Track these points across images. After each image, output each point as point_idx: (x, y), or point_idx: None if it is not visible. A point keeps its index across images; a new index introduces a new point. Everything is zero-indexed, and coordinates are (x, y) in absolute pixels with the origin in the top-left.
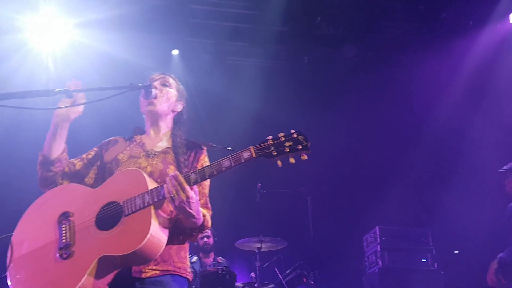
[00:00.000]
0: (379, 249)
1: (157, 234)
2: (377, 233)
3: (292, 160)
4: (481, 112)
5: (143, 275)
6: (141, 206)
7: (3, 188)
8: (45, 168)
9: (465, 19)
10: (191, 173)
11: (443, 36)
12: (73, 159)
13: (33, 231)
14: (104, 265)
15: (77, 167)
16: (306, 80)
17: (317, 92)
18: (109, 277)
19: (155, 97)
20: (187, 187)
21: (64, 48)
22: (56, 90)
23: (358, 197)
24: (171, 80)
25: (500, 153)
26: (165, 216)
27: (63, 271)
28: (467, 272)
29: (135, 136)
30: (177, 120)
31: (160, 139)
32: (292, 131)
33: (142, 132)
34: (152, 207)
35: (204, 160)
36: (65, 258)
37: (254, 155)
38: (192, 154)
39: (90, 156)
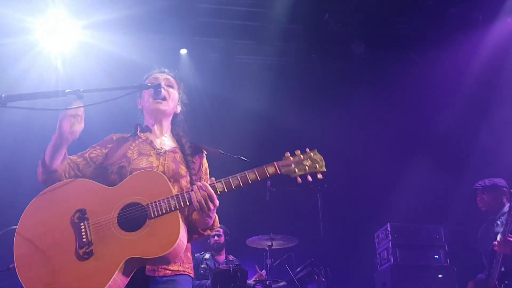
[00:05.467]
0: (390, 246)
1: (183, 237)
2: (389, 229)
3: (309, 178)
4: (493, 107)
5: (156, 274)
6: (168, 210)
7: (15, 188)
8: (46, 175)
9: (474, 14)
10: (217, 182)
11: (452, 32)
12: (74, 157)
13: (44, 226)
14: (128, 266)
15: (80, 167)
16: (314, 77)
17: (326, 89)
18: (129, 278)
19: (164, 98)
20: (215, 197)
21: (72, 49)
22: (66, 91)
23: (369, 193)
24: (173, 81)
25: None
26: (184, 220)
27: (88, 271)
28: (480, 268)
29: (139, 133)
30: (174, 121)
31: (165, 138)
32: (307, 150)
33: (145, 129)
34: (178, 211)
35: (206, 165)
36: (86, 258)
37: (279, 172)
38: (197, 159)
39: (93, 155)
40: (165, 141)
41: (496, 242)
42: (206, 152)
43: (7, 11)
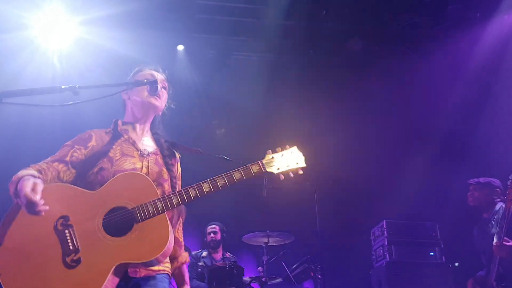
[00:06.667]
0: (386, 242)
1: (171, 239)
2: (384, 226)
3: (291, 175)
4: (490, 105)
5: (138, 275)
6: (155, 213)
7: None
8: None
9: (472, 11)
10: (204, 182)
11: (450, 29)
12: (55, 163)
13: (25, 234)
14: (117, 271)
15: (61, 175)
16: (312, 73)
17: (323, 86)
18: (117, 282)
19: (159, 95)
20: None
21: (70, 45)
22: (62, 87)
23: (365, 190)
24: (166, 84)
25: (510, 146)
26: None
27: (78, 278)
28: (476, 265)
29: (120, 130)
30: (154, 120)
31: (146, 138)
32: (287, 146)
33: (126, 125)
34: (165, 213)
35: (180, 169)
36: (75, 266)
37: (263, 170)
38: (174, 162)
39: (74, 159)
40: (146, 142)
41: (494, 245)
42: (180, 156)
43: (4, 6)
